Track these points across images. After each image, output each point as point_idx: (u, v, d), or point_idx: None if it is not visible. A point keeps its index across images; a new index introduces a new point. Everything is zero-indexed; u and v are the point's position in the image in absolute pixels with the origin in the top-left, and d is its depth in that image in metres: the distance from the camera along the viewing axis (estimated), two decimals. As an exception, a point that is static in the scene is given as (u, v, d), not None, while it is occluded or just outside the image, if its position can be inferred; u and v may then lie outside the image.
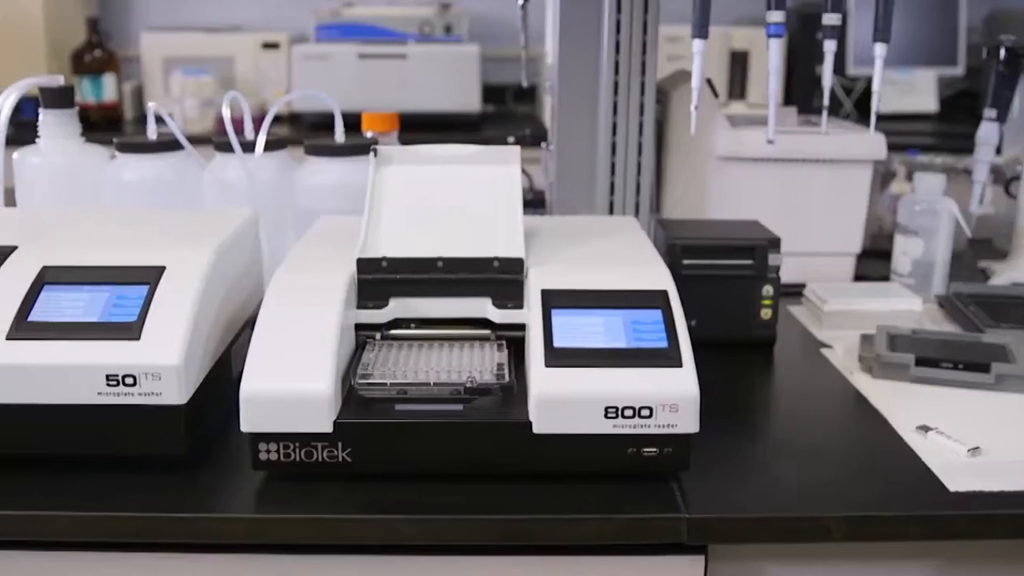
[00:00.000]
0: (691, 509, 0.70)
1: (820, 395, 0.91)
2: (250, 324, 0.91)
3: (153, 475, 0.73)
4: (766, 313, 0.99)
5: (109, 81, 2.55)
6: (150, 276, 0.76)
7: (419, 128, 1.25)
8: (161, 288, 0.75)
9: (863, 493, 0.73)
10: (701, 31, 0.99)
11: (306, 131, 2.48)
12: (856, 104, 2.67)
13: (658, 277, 0.79)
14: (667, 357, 0.72)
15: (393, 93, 2.38)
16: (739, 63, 2.47)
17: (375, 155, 0.87)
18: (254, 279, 0.94)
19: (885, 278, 1.21)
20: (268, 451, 0.71)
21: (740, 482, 0.75)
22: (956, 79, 2.78)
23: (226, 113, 1.03)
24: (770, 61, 1.02)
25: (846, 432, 0.84)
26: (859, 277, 1.23)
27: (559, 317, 0.75)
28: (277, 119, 2.76)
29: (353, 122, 1.07)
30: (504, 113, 2.79)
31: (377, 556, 0.71)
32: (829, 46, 1.04)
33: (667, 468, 0.73)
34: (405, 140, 1.09)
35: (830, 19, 1.03)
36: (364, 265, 0.79)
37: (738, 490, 0.74)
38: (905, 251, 1.17)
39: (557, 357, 0.72)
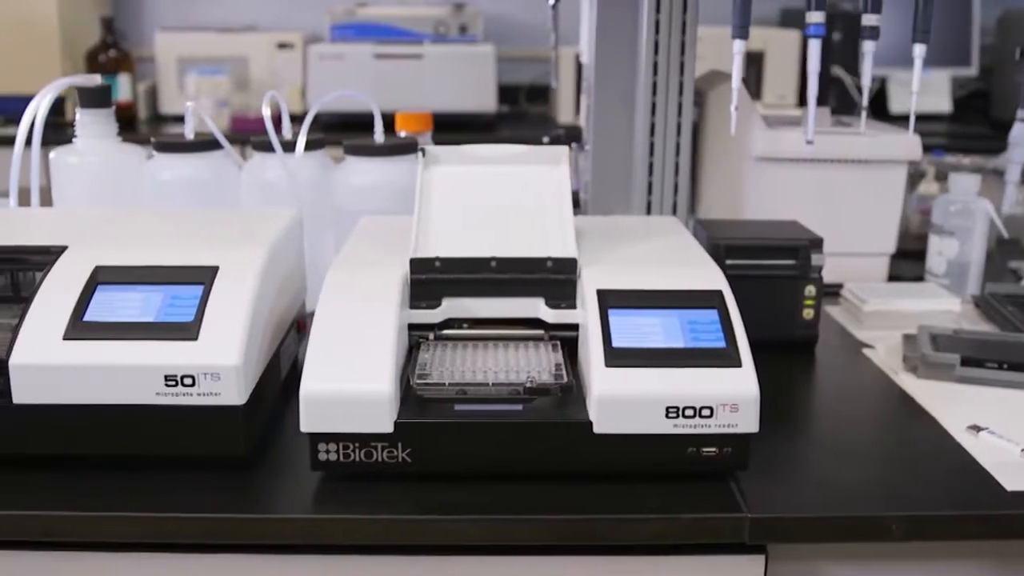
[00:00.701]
0: (751, 509, 0.70)
1: (867, 395, 0.91)
2: (295, 325, 0.91)
3: (205, 475, 0.73)
4: (808, 313, 0.99)
5: (124, 81, 2.55)
6: (204, 276, 0.76)
7: (435, 128, 1.25)
8: (216, 288, 0.75)
9: (920, 493, 0.73)
10: (741, 31, 0.99)
11: (321, 131, 2.48)
12: (871, 103, 2.68)
13: (712, 277, 0.79)
14: (726, 357, 0.72)
15: (409, 93, 2.38)
16: (754, 63, 2.47)
17: (423, 155, 0.86)
18: (299, 279, 0.94)
19: (918, 278, 1.21)
20: (327, 451, 0.71)
21: (796, 482, 0.75)
22: (969, 79, 2.78)
23: (266, 113, 1.03)
24: (809, 62, 1.02)
25: (897, 432, 0.84)
26: (892, 277, 1.23)
27: (616, 317, 0.74)
28: (291, 119, 2.75)
29: (371, 122, 1.06)
30: (518, 113, 2.79)
31: (439, 557, 0.71)
32: (868, 47, 1.04)
33: (726, 468, 0.73)
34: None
35: (869, 20, 1.03)
36: (417, 265, 0.79)
37: (795, 490, 0.74)
38: (940, 251, 1.17)
39: (617, 357, 0.71)
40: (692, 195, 1.24)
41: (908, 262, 1.27)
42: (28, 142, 1.06)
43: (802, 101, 2.69)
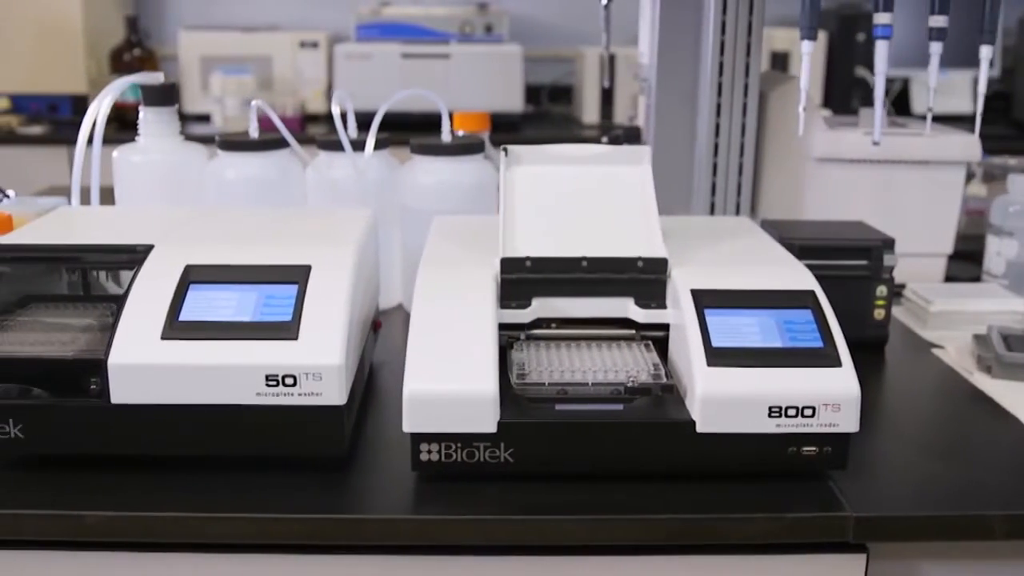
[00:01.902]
0: (850, 508, 0.70)
1: (944, 395, 0.92)
2: (373, 324, 0.91)
3: (300, 476, 0.73)
4: (879, 313, 0.99)
5: (148, 80, 2.54)
6: (298, 275, 0.76)
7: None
8: (311, 287, 0.75)
9: (1018, 491, 0.73)
10: (810, 32, 0.99)
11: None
12: (893, 103, 2.68)
13: (802, 277, 0.79)
14: (825, 357, 0.72)
15: (436, 92, 2.37)
16: (779, 64, 2.47)
17: (506, 154, 0.86)
18: (375, 279, 0.94)
19: (974, 279, 1.21)
20: (429, 452, 0.70)
21: (891, 480, 0.75)
22: (991, 80, 2.79)
23: (336, 111, 1.03)
24: (876, 63, 1.02)
25: (981, 431, 0.84)
26: (948, 278, 1.23)
27: (713, 317, 0.74)
28: (314, 119, 2.74)
29: (398, 121, 1.05)
30: (541, 113, 2.79)
31: (541, 557, 0.70)
32: (935, 48, 1.04)
33: (825, 467, 0.73)
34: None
35: (936, 21, 1.03)
36: (508, 265, 0.79)
37: (892, 488, 0.74)
38: (999, 252, 1.17)
39: (718, 357, 0.71)
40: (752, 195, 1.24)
41: (959, 262, 1.27)
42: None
43: (827, 101, 2.70)
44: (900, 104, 2.68)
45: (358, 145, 1.04)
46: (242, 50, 2.59)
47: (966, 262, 1.28)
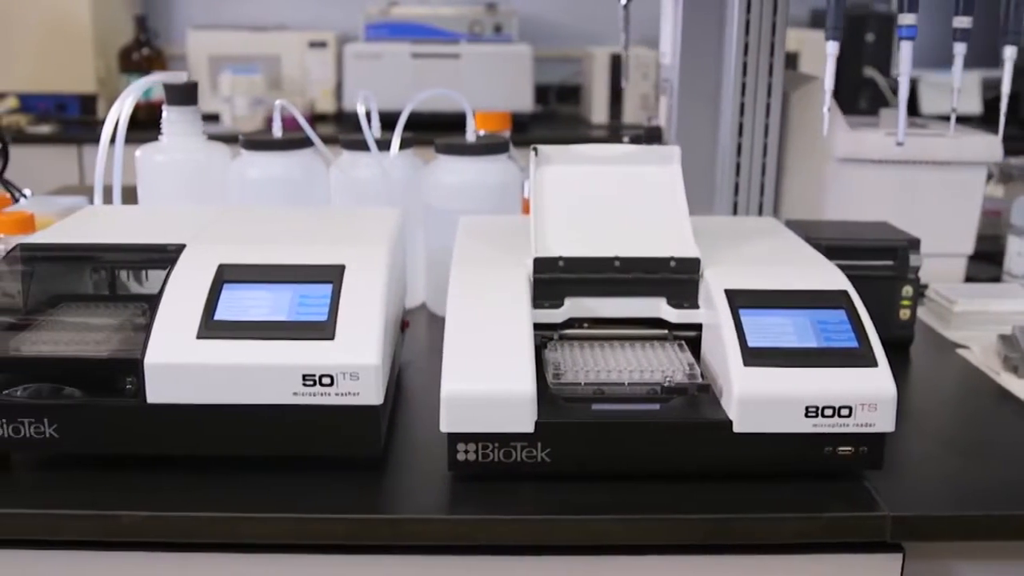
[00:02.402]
0: (885, 507, 0.70)
1: (972, 395, 0.92)
2: (401, 324, 0.91)
3: (334, 476, 0.73)
4: (905, 313, 0.99)
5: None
6: (332, 275, 0.76)
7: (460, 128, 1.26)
8: (346, 287, 0.75)
9: (1052, 492, 0.73)
10: (835, 33, 0.99)
11: (351, 130, 2.48)
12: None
13: (834, 277, 0.79)
14: (861, 357, 0.72)
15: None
16: (789, 65, 2.47)
17: (535, 154, 0.86)
18: (404, 279, 0.94)
19: (994, 279, 1.21)
20: (466, 452, 0.70)
21: (925, 480, 0.75)
22: (999, 81, 2.79)
23: (361, 111, 1.03)
24: (901, 64, 1.02)
25: (1011, 431, 0.84)
26: (967, 278, 1.23)
27: (748, 317, 0.74)
28: (322, 118, 2.73)
29: (409, 121, 1.04)
30: (549, 113, 2.79)
31: (578, 557, 0.71)
32: (959, 49, 1.04)
33: (860, 467, 0.73)
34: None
35: (961, 22, 1.03)
36: (541, 264, 0.79)
37: (927, 488, 0.74)
38: (1020, 252, 1.17)
39: (755, 357, 0.71)
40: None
41: (978, 263, 1.27)
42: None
43: (836, 101, 2.69)
44: (908, 105, 2.68)
45: (381, 144, 1.04)
46: (250, 50, 2.59)
47: (984, 262, 1.28)
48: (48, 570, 0.71)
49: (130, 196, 1.10)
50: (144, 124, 1.07)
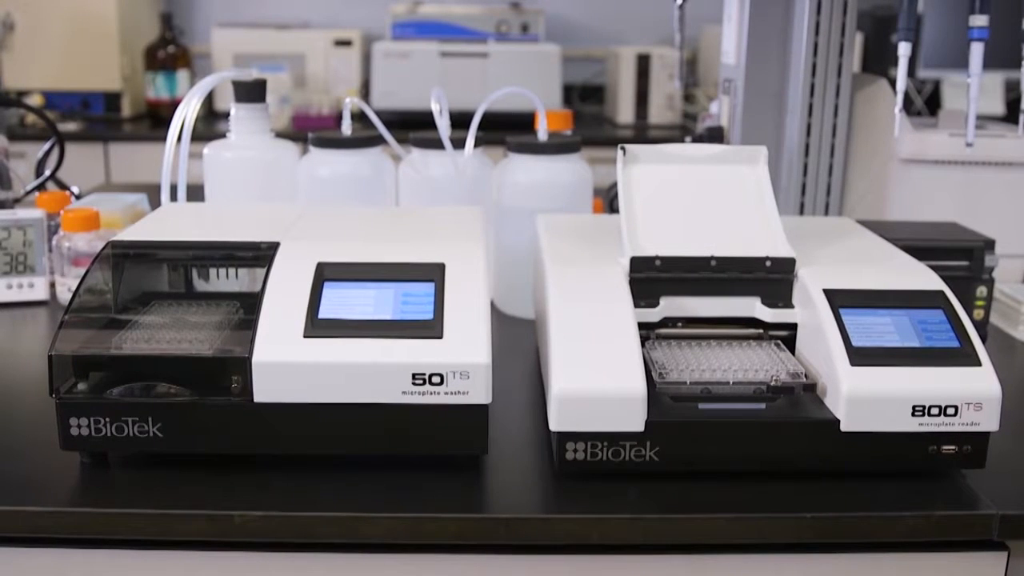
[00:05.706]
0: (996, 505, 0.70)
1: (1052, 395, 0.92)
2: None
3: (434, 475, 0.73)
4: (978, 314, 1.00)
5: (182, 77, 2.54)
6: (433, 273, 0.76)
7: (500, 127, 1.24)
8: (448, 285, 0.75)
9: None
10: (907, 34, 1.00)
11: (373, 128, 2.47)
12: (925, 103, 2.69)
13: (928, 277, 0.80)
14: (964, 356, 0.73)
15: (473, 92, 2.38)
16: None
17: (623, 153, 0.86)
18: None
19: (1052, 279, 1.22)
20: (575, 451, 0.71)
21: (1021, 478, 0.75)
22: (1015, 82, 2.80)
23: (436, 109, 1.03)
24: (971, 64, 1.03)
25: (1097, 431, 0.85)
26: (1024, 278, 1.24)
27: (849, 317, 0.75)
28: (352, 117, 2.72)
29: (453, 120, 1.04)
30: (575, 113, 2.78)
31: (686, 556, 0.71)
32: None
33: (963, 466, 0.73)
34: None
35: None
36: (637, 264, 0.79)
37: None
38: (1080, 252, 1.18)
39: (861, 356, 0.72)
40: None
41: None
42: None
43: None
44: (931, 105, 2.69)
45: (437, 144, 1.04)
46: (275, 48, 2.59)
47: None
48: (158, 571, 0.71)
49: (192, 194, 1.09)
50: (170, 121, 1.06)
